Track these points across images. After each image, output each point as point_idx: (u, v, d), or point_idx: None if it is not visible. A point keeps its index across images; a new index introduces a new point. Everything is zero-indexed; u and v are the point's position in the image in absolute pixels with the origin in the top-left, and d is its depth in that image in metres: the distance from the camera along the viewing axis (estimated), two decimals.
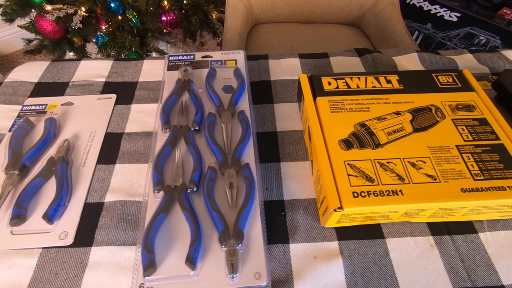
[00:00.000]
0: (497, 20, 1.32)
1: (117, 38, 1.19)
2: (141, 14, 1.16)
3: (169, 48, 1.67)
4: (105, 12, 1.08)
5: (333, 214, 0.31)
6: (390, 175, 0.32)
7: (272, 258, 0.32)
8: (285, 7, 1.07)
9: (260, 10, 1.06)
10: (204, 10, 1.31)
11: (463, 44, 1.42)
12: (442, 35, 1.49)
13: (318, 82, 0.41)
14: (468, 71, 0.42)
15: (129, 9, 1.13)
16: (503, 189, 0.31)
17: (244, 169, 0.33)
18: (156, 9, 1.18)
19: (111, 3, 1.08)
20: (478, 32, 1.37)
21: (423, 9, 1.50)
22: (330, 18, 1.11)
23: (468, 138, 0.35)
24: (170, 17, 1.19)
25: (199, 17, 1.27)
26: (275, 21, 1.12)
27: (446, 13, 1.43)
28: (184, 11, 1.29)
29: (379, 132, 0.36)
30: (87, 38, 1.17)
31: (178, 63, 0.45)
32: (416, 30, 1.58)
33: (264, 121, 0.44)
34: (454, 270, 0.32)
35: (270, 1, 1.05)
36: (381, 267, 0.32)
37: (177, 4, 1.18)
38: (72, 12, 1.09)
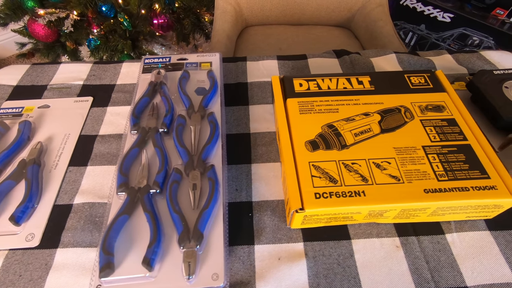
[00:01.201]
0: (491, 21, 1.32)
1: (109, 41, 1.20)
2: (132, 17, 1.17)
3: (164, 51, 1.69)
4: (96, 16, 1.09)
5: (296, 215, 0.31)
6: (354, 176, 0.32)
7: (236, 259, 0.32)
8: (274, 10, 1.07)
9: (250, 12, 1.07)
10: (196, 13, 1.32)
11: (457, 45, 1.42)
12: (436, 36, 1.49)
13: (289, 83, 0.41)
14: (441, 71, 0.42)
15: (120, 13, 1.13)
16: (466, 189, 0.31)
17: (208, 171, 0.33)
18: (148, 12, 1.18)
19: (102, 6, 1.09)
20: (471, 33, 1.37)
21: (416, 10, 1.50)
22: (320, 20, 1.11)
23: (435, 139, 0.35)
24: (162, 20, 1.20)
25: (191, 20, 1.28)
26: (265, 23, 1.12)
27: (439, 14, 1.43)
28: (176, 14, 1.30)
29: (346, 133, 0.36)
30: (79, 41, 1.18)
31: (153, 65, 0.46)
32: (410, 31, 1.58)
33: (238, 123, 0.44)
34: (418, 271, 0.31)
35: (260, 3, 1.06)
36: (345, 268, 0.32)
37: (168, 7, 1.19)
38: (64, 16, 1.11)
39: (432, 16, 1.45)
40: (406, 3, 1.52)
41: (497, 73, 0.44)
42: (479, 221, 0.35)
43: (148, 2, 1.14)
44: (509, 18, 1.30)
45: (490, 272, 0.31)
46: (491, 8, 1.34)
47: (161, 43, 1.67)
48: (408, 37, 1.62)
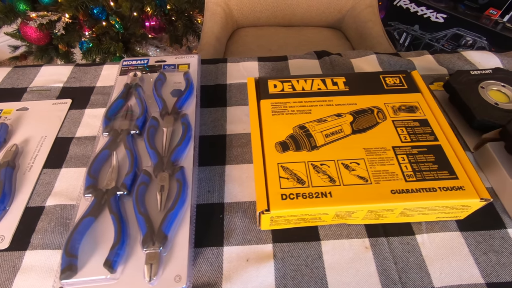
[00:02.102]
0: (484, 21, 1.31)
1: (102, 43, 1.21)
2: (124, 19, 1.18)
3: (158, 53, 1.69)
4: (88, 18, 1.10)
5: (262, 217, 0.31)
6: (322, 177, 0.32)
7: (205, 261, 0.32)
8: (265, 11, 1.08)
9: (241, 14, 1.07)
10: (189, 15, 1.32)
11: (450, 45, 1.42)
12: (429, 36, 1.49)
13: (264, 85, 0.41)
14: (417, 72, 0.42)
15: (112, 15, 1.14)
16: (434, 190, 0.31)
17: (177, 172, 0.33)
18: (140, 14, 1.19)
19: (94, 9, 1.10)
20: (464, 33, 1.37)
21: (410, 11, 1.50)
22: (311, 21, 1.11)
23: (406, 140, 0.35)
24: (153, 22, 1.21)
25: (183, 22, 1.28)
26: (256, 24, 1.12)
27: (433, 14, 1.43)
28: (168, 16, 1.31)
29: (317, 134, 0.36)
30: (71, 44, 1.18)
31: (131, 68, 0.46)
32: (404, 32, 1.58)
33: (215, 124, 0.44)
34: (386, 273, 0.31)
35: (250, 5, 1.06)
36: (313, 269, 0.32)
37: (160, 9, 1.19)
38: (56, 18, 1.11)
39: (426, 17, 1.45)
40: (400, 4, 1.52)
41: (474, 74, 0.44)
42: (450, 222, 0.35)
43: (140, 4, 1.14)
44: (502, 18, 1.30)
45: (459, 273, 0.31)
46: (484, 8, 1.34)
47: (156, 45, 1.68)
48: (402, 37, 1.62)
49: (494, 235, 0.34)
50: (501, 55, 0.54)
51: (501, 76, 0.44)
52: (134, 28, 1.21)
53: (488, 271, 0.31)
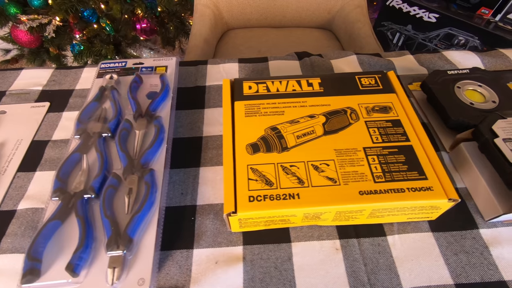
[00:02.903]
0: (476, 20, 1.31)
1: (94, 46, 1.21)
2: (115, 22, 1.18)
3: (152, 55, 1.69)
4: (78, 21, 1.10)
5: (230, 219, 0.31)
6: (290, 178, 0.32)
7: (174, 263, 0.32)
8: (255, 13, 1.08)
9: (230, 16, 1.07)
10: (180, 17, 1.33)
11: (443, 44, 1.42)
12: (422, 36, 1.49)
13: (239, 86, 0.41)
14: (393, 72, 0.42)
15: (102, 18, 1.14)
16: (402, 191, 0.31)
17: (146, 175, 0.33)
18: (131, 17, 1.19)
19: (84, 12, 1.10)
20: (457, 33, 1.37)
21: (402, 11, 1.50)
22: (301, 22, 1.12)
23: (377, 140, 0.35)
24: (144, 24, 1.21)
25: (175, 24, 1.28)
26: (247, 26, 1.12)
27: (425, 14, 1.43)
28: (160, 18, 1.31)
29: (288, 135, 0.36)
30: (62, 47, 1.18)
31: (109, 70, 0.46)
32: (398, 32, 1.59)
33: (191, 126, 0.44)
34: (355, 274, 0.31)
35: (240, 6, 1.06)
36: (282, 271, 0.32)
37: (150, 11, 1.19)
38: (46, 22, 1.11)
39: (418, 17, 1.45)
40: (393, 4, 1.52)
41: (451, 73, 0.44)
42: (423, 223, 0.35)
43: (130, 7, 1.15)
44: (494, 17, 1.30)
45: (428, 274, 0.31)
46: (476, 7, 1.34)
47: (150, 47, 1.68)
48: (395, 37, 1.62)
49: (465, 236, 0.34)
50: (481, 54, 0.54)
51: (478, 76, 0.44)
52: (125, 30, 1.21)
53: (458, 272, 0.31)
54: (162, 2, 1.22)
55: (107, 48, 1.19)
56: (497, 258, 0.32)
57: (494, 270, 0.31)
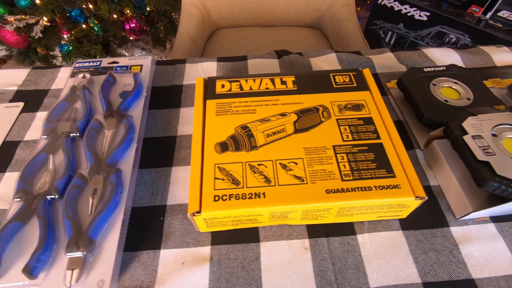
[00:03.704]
0: (467, 18, 1.31)
1: (83, 46, 1.20)
2: (104, 22, 1.17)
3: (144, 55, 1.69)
4: (65, 21, 1.09)
5: (195, 219, 0.30)
6: (258, 177, 0.32)
7: (140, 264, 0.32)
8: (243, 12, 1.07)
9: (219, 15, 1.07)
10: (170, 16, 1.32)
11: (435, 43, 1.42)
12: (414, 34, 1.49)
13: (212, 85, 0.41)
14: (368, 70, 0.42)
15: (91, 18, 1.14)
16: (369, 189, 0.31)
17: (111, 175, 0.32)
18: (119, 17, 1.18)
19: (72, 12, 1.09)
20: (448, 31, 1.37)
21: (394, 9, 1.50)
22: (290, 21, 1.11)
23: (348, 138, 0.35)
24: (133, 24, 1.20)
25: (165, 23, 1.28)
26: (236, 25, 1.12)
27: (416, 12, 1.43)
28: (150, 18, 1.30)
29: (258, 134, 0.35)
30: (50, 47, 1.17)
31: (83, 69, 0.45)
32: (389, 30, 1.58)
33: (166, 126, 0.44)
34: (322, 273, 0.31)
35: (228, 6, 1.06)
36: (249, 272, 0.31)
37: (139, 11, 1.19)
38: (34, 22, 1.11)
39: (409, 15, 1.45)
40: (384, 3, 1.52)
41: (427, 71, 0.44)
42: (393, 221, 0.34)
43: (119, 6, 1.14)
44: (484, 15, 1.30)
45: (396, 273, 0.31)
46: (466, 5, 1.34)
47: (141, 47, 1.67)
48: (387, 36, 1.62)
49: (436, 234, 0.33)
50: (461, 51, 0.54)
51: (454, 73, 0.44)
52: (114, 30, 1.21)
53: (426, 270, 0.31)
54: (151, 2, 1.22)
55: (96, 48, 1.18)
56: (466, 256, 0.32)
57: (462, 268, 0.31)
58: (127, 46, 1.58)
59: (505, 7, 1.25)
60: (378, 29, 1.64)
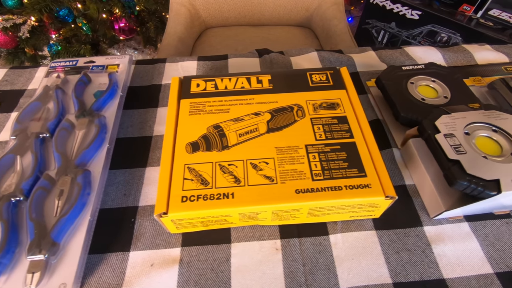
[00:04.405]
0: (458, 17, 1.32)
1: (72, 46, 1.19)
2: (92, 22, 1.16)
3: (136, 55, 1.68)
4: (53, 21, 1.08)
5: (162, 220, 0.30)
6: (227, 177, 0.31)
7: (108, 267, 0.31)
8: (233, 11, 1.07)
9: (208, 14, 1.06)
10: (161, 16, 1.31)
11: (426, 41, 1.42)
12: (406, 33, 1.49)
13: (187, 84, 0.40)
14: (345, 68, 0.42)
15: (79, 17, 1.13)
16: (339, 188, 0.30)
17: (79, 176, 0.32)
18: (109, 16, 1.18)
19: (60, 11, 1.08)
20: (439, 30, 1.37)
21: (386, 8, 1.50)
22: (280, 20, 1.11)
23: (321, 137, 0.34)
24: (122, 24, 1.19)
25: (155, 23, 1.27)
26: (225, 24, 1.11)
27: (408, 11, 1.43)
28: (140, 17, 1.30)
29: (231, 133, 0.35)
30: (38, 47, 1.16)
31: (58, 69, 0.45)
32: (382, 29, 1.58)
33: (142, 126, 0.43)
34: (292, 274, 0.30)
35: (217, 5, 1.05)
36: (218, 273, 0.31)
37: (128, 11, 1.18)
38: (21, 22, 1.09)
39: (401, 14, 1.45)
40: (376, 2, 1.52)
41: (405, 69, 0.44)
42: (367, 221, 0.34)
43: (107, 6, 1.13)
44: (475, 14, 1.30)
45: (367, 273, 0.30)
46: (458, 4, 1.34)
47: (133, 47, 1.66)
48: (380, 35, 1.62)
49: (409, 233, 0.33)
50: (443, 50, 0.53)
51: (433, 71, 0.43)
52: (103, 30, 1.20)
53: (398, 271, 0.31)
54: (141, 1, 1.21)
55: (85, 48, 1.17)
56: (438, 255, 0.31)
57: (434, 268, 0.31)
58: (119, 46, 1.57)
59: (496, 6, 1.25)
60: (371, 28, 1.64)
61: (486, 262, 0.31)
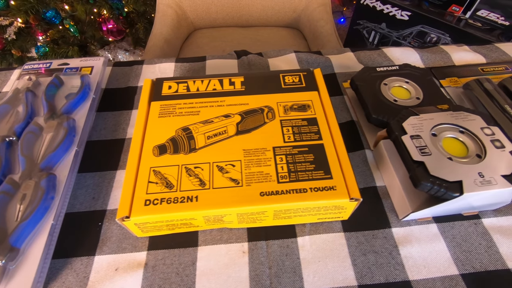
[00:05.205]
0: (448, 18, 1.32)
1: (59, 48, 1.18)
2: (80, 23, 1.16)
3: (128, 56, 1.67)
4: (39, 23, 1.08)
5: (126, 224, 0.30)
6: (192, 180, 0.31)
7: (71, 272, 0.31)
8: (220, 12, 1.07)
9: (196, 15, 1.06)
10: (149, 17, 1.31)
11: (416, 42, 1.42)
12: (396, 34, 1.50)
13: (158, 86, 0.40)
14: (319, 70, 0.41)
15: (66, 19, 1.12)
16: (304, 191, 0.30)
17: (42, 180, 0.31)
18: (96, 18, 1.17)
19: (47, 13, 1.07)
20: (429, 30, 1.38)
21: (376, 9, 1.51)
22: (268, 21, 1.11)
23: (289, 139, 0.34)
24: (110, 25, 1.19)
25: (144, 24, 1.26)
26: (213, 26, 1.11)
27: (398, 12, 1.43)
28: (129, 18, 1.29)
29: (199, 136, 0.35)
30: (25, 49, 1.16)
31: (31, 71, 0.44)
32: (373, 30, 1.59)
33: (116, 128, 0.43)
34: (258, 278, 0.30)
35: (205, 6, 1.05)
36: (183, 277, 0.30)
37: (116, 12, 1.17)
38: (8, 23, 1.09)
39: (391, 15, 1.46)
40: (366, 2, 1.53)
41: (380, 70, 0.44)
42: (336, 223, 0.34)
43: (94, 7, 1.12)
44: (464, 14, 1.31)
45: (333, 276, 0.30)
46: (447, 5, 1.35)
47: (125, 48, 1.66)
48: (371, 36, 1.62)
49: (377, 235, 0.33)
50: (422, 51, 0.53)
51: (407, 72, 0.43)
52: (91, 31, 1.19)
53: (363, 273, 0.30)
54: (129, 3, 1.21)
55: (73, 50, 1.17)
56: (405, 257, 0.31)
57: (400, 270, 0.31)
58: (110, 47, 1.56)
59: (484, 7, 1.26)
60: (362, 29, 1.64)
61: (452, 264, 0.31)
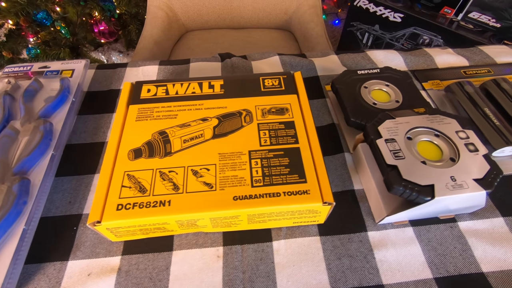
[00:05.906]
0: (440, 20, 1.33)
1: (51, 49, 1.18)
2: (72, 25, 1.15)
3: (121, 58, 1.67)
4: (30, 25, 1.07)
5: (97, 229, 0.29)
6: (166, 184, 0.31)
7: (44, 277, 0.30)
8: (212, 14, 1.07)
9: (187, 17, 1.06)
10: (142, 19, 1.31)
11: (409, 44, 1.43)
12: (389, 36, 1.50)
13: (137, 89, 0.40)
14: (299, 73, 0.41)
15: (57, 21, 1.12)
16: (278, 195, 0.30)
17: (15, 184, 0.31)
18: (88, 19, 1.17)
19: (38, 14, 1.07)
20: (421, 32, 1.39)
21: (369, 11, 1.51)
22: (260, 23, 1.11)
23: (265, 143, 0.34)
24: (102, 27, 1.19)
25: (136, 26, 1.26)
26: (205, 28, 1.11)
27: (391, 14, 1.44)
28: (122, 20, 1.29)
29: (176, 139, 0.35)
30: (15, 50, 1.15)
31: (11, 74, 0.44)
32: (366, 32, 1.59)
33: (96, 131, 0.43)
34: (231, 282, 0.30)
35: (196, 8, 1.05)
36: (156, 282, 0.30)
37: (107, 14, 1.17)
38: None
39: (384, 17, 1.46)
40: (360, 4, 1.53)
41: (360, 73, 0.44)
42: (312, 227, 0.34)
43: (86, 9, 1.12)
44: (456, 16, 1.31)
45: (307, 280, 0.30)
46: (439, 7, 1.36)
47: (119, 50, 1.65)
48: (365, 37, 1.63)
49: (353, 239, 0.33)
50: (405, 53, 0.54)
51: (387, 75, 0.44)
52: (83, 33, 1.19)
53: (338, 277, 0.30)
54: (121, 4, 1.20)
55: (65, 52, 1.16)
56: (379, 261, 0.31)
57: (374, 274, 0.31)
58: (103, 49, 1.56)
59: (475, 9, 1.27)
60: (356, 31, 1.65)
61: (427, 267, 0.31)
